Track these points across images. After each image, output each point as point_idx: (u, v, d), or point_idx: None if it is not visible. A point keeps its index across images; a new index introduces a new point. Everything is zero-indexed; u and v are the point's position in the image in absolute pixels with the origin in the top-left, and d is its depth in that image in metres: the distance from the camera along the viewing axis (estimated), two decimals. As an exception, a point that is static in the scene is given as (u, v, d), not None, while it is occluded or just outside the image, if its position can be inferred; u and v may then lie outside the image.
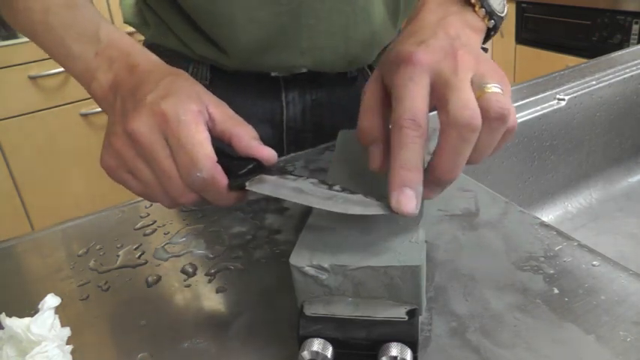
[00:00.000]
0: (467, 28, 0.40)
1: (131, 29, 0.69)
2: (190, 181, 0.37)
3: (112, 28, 0.44)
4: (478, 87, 0.34)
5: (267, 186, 0.37)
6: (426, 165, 0.35)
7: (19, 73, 1.96)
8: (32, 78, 1.98)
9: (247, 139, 0.39)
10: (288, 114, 0.67)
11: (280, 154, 0.64)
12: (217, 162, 0.37)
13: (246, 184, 0.37)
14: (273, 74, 0.63)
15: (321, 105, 0.67)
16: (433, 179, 0.34)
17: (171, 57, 0.61)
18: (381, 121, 0.37)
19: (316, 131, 0.69)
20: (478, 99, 0.33)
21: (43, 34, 0.44)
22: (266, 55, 0.60)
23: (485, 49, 0.39)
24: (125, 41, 0.43)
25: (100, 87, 0.42)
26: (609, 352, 0.32)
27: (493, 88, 0.34)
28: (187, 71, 0.64)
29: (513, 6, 2.49)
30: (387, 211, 0.34)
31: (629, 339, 0.32)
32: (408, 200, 0.32)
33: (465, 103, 0.33)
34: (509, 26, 2.55)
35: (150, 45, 0.67)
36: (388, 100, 0.37)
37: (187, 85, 0.39)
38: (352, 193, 0.35)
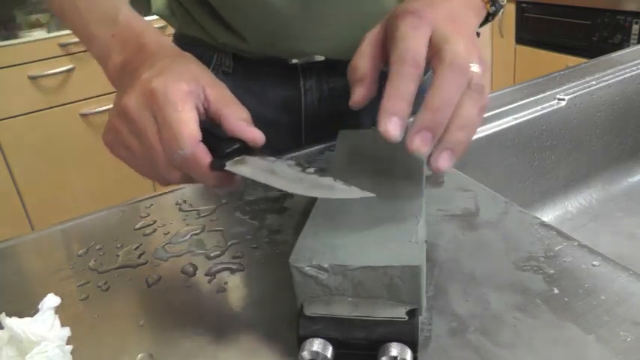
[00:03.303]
0: (469, 8, 0.42)
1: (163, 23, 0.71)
2: (173, 158, 0.38)
3: (131, 12, 0.46)
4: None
5: (246, 168, 0.38)
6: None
7: (19, 73, 1.95)
8: (32, 78, 1.98)
9: (234, 119, 0.40)
10: (307, 101, 0.68)
11: (299, 141, 0.66)
12: (203, 141, 0.37)
13: (226, 164, 0.38)
14: (291, 62, 0.64)
15: (339, 93, 0.68)
16: (424, 121, 0.35)
17: (198, 46, 0.63)
18: (372, 64, 0.40)
19: (334, 119, 0.69)
20: None
21: (71, 16, 0.47)
22: (282, 43, 0.62)
23: (477, 34, 0.42)
24: (140, 23, 0.45)
25: (114, 67, 0.43)
26: (609, 352, 0.32)
27: (475, 67, 0.36)
28: (212, 61, 0.66)
29: (513, 6, 2.49)
30: (350, 195, 0.34)
31: (629, 339, 0.32)
32: (394, 127, 0.35)
33: (460, 54, 0.35)
34: (509, 26, 2.55)
35: (179, 35, 0.69)
36: (384, 52, 0.39)
37: (186, 66, 0.40)
38: (324, 176, 0.36)
